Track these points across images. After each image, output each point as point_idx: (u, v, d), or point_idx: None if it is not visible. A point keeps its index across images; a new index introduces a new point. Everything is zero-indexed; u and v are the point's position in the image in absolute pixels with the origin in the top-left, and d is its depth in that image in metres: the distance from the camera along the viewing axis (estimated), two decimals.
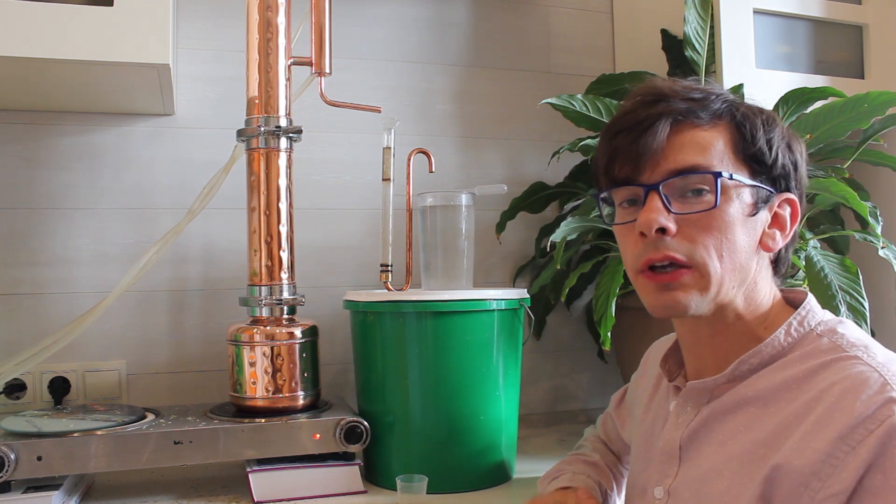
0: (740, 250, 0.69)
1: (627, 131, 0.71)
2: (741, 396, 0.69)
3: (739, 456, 0.66)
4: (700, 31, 1.33)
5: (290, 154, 1.15)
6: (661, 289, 0.70)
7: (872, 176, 1.44)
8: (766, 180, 0.71)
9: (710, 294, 0.69)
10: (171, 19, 1.05)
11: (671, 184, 0.69)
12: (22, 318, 1.27)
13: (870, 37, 1.47)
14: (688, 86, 0.74)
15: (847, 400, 0.60)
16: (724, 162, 0.69)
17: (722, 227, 0.68)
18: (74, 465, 0.97)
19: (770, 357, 0.69)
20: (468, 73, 1.55)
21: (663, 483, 0.74)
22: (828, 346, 0.67)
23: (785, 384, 0.66)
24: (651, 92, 0.73)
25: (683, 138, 0.70)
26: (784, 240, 0.73)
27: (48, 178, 1.29)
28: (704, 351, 0.75)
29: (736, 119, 0.71)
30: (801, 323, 0.70)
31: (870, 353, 0.64)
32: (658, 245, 0.69)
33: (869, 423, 0.58)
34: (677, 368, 0.81)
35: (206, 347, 1.35)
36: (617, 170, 0.72)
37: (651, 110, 0.71)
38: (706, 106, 0.71)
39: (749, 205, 0.70)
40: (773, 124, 0.73)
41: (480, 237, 1.43)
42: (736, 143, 0.71)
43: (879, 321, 1.35)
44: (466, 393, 1.09)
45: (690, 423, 0.73)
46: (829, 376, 0.63)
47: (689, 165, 0.69)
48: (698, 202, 0.69)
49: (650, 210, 0.69)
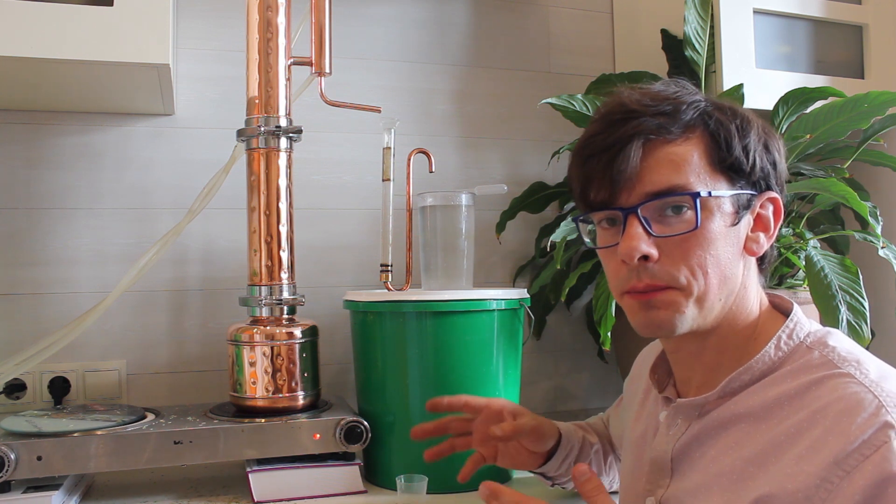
0: (725, 262, 0.68)
1: (599, 155, 0.69)
2: (732, 413, 0.68)
3: (729, 473, 0.65)
4: (700, 31, 1.33)
5: (290, 154, 1.15)
6: (645, 306, 0.69)
7: (872, 176, 1.44)
8: (745, 185, 0.70)
9: (693, 311, 0.68)
10: (171, 19, 1.05)
11: (649, 206, 0.68)
12: (22, 318, 1.27)
13: (870, 37, 1.47)
14: (657, 96, 0.71)
15: (842, 424, 0.59)
16: (700, 177, 0.68)
17: (704, 245, 0.67)
18: (74, 465, 0.97)
19: (761, 373, 0.68)
20: (468, 73, 1.55)
21: (655, 494, 0.74)
22: (819, 361, 0.66)
23: (776, 401, 0.65)
24: (619, 110, 0.70)
25: (657, 157, 0.68)
26: (769, 241, 0.72)
27: (48, 178, 1.29)
28: (693, 365, 0.74)
29: (710, 128, 0.69)
30: (790, 336, 0.69)
31: (862, 369, 0.63)
32: (640, 273, 0.68)
33: (864, 448, 0.57)
34: (666, 378, 0.80)
35: (206, 347, 1.35)
36: (593, 195, 0.70)
37: (621, 131, 0.68)
38: (677, 119, 0.69)
39: (730, 214, 0.69)
40: (747, 128, 0.70)
41: (480, 237, 1.43)
42: (711, 154, 0.69)
43: (879, 321, 1.35)
44: (466, 393, 1.08)
45: (681, 436, 0.73)
46: (822, 395, 0.62)
47: (666, 187, 0.67)
48: (679, 221, 0.67)
49: (630, 237, 0.67)
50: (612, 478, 1.02)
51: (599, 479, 0.68)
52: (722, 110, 0.71)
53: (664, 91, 0.72)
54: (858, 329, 1.03)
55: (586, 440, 0.99)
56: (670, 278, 0.68)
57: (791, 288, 1.23)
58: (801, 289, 1.22)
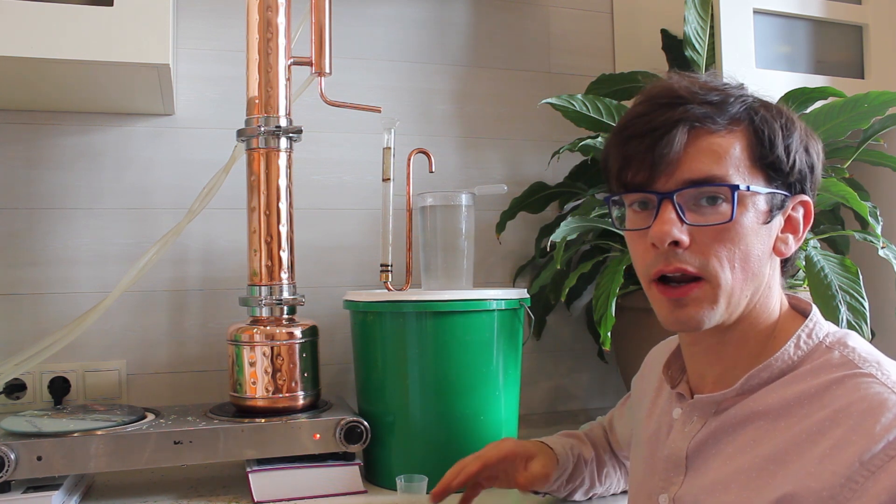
0: (754, 259, 0.68)
1: (642, 137, 0.69)
2: (750, 410, 0.68)
3: (748, 470, 0.65)
4: (700, 31, 1.33)
5: (290, 154, 1.15)
6: (675, 305, 0.69)
7: (872, 176, 1.44)
8: (781, 185, 0.70)
9: (721, 306, 0.68)
10: (171, 19, 1.05)
11: (685, 193, 0.67)
12: (22, 318, 1.27)
13: (870, 37, 1.47)
14: (705, 85, 0.71)
15: (867, 423, 0.59)
16: (739, 170, 0.67)
17: (736, 239, 0.67)
18: (74, 465, 0.97)
19: (780, 371, 0.68)
20: (468, 73, 1.55)
21: (668, 491, 0.74)
22: (839, 361, 0.66)
23: (797, 399, 0.65)
24: (666, 94, 0.70)
25: (699, 145, 0.68)
26: (797, 243, 0.72)
27: (48, 178, 1.29)
28: (710, 361, 0.74)
29: (755, 124, 0.69)
30: (809, 335, 0.69)
31: (883, 370, 0.63)
32: (670, 257, 0.68)
33: (889, 448, 0.57)
34: (679, 375, 0.80)
35: (206, 347, 1.35)
36: (630, 176, 0.70)
37: (667, 115, 0.68)
38: (724, 110, 0.69)
39: (764, 212, 0.69)
40: (791, 128, 0.70)
41: (480, 237, 1.43)
42: (753, 149, 0.68)
43: (879, 321, 1.35)
44: (466, 393, 1.09)
45: (697, 433, 0.72)
46: (844, 394, 0.62)
47: (705, 176, 0.67)
48: (713, 212, 0.67)
49: (663, 222, 0.67)
50: (608, 486, 1.01)
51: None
52: (768, 108, 0.71)
53: (712, 82, 0.72)
54: (858, 329, 1.03)
55: (581, 457, 0.98)
56: (700, 264, 0.67)
57: (791, 288, 1.23)
58: (801, 289, 1.22)
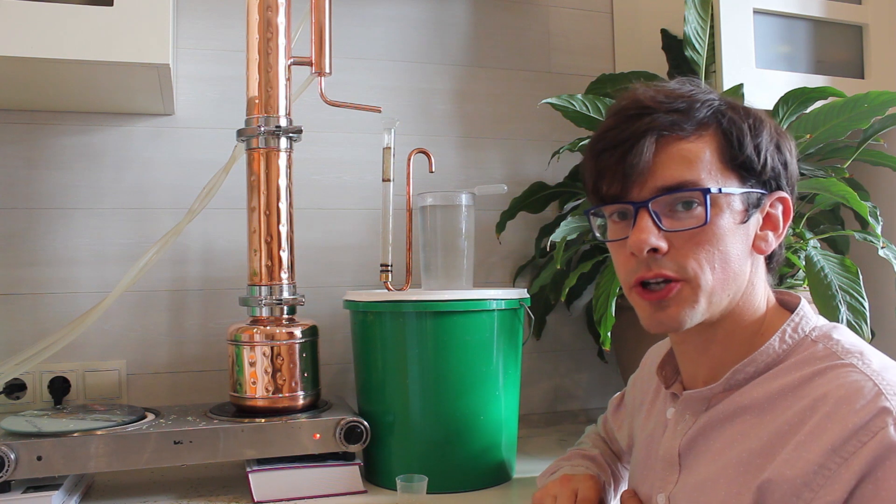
0: (733, 259, 0.69)
1: (613, 149, 0.70)
2: (737, 405, 0.69)
3: (735, 465, 0.66)
4: (700, 31, 1.33)
5: (290, 154, 1.15)
6: (655, 307, 0.70)
7: (872, 176, 1.44)
8: (756, 184, 0.71)
9: (702, 305, 0.69)
10: (171, 19, 1.05)
11: (660, 200, 0.69)
12: (22, 318, 1.27)
13: (870, 37, 1.47)
14: (671, 93, 0.72)
15: (841, 410, 0.60)
16: (711, 173, 0.68)
17: (714, 241, 0.68)
18: (74, 464, 0.97)
19: (765, 365, 0.69)
20: (468, 73, 1.55)
21: (665, 490, 0.74)
22: (823, 353, 0.66)
23: (780, 392, 0.66)
24: (633, 105, 0.71)
25: (670, 152, 0.69)
26: (777, 239, 0.73)
27: (48, 178, 1.29)
28: (699, 359, 0.75)
29: (722, 126, 0.70)
30: (795, 329, 0.70)
31: (865, 359, 0.63)
32: (650, 263, 0.69)
33: (862, 434, 0.58)
34: (674, 375, 0.81)
35: (206, 347, 1.35)
36: (605, 188, 0.72)
37: (634, 126, 0.70)
38: (691, 116, 0.70)
39: (740, 212, 0.70)
40: (760, 127, 0.71)
41: (480, 237, 1.43)
42: (723, 151, 0.70)
43: (879, 321, 1.35)
44: (466, 393, 1.09)
45: (688, 431, 0.73)
46: (823, 384, 0.63)
47: (677, 182, 0.68)
48: (689, 216, 0.68)
49: (640, 230, 0.68)
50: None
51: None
52: (735, 109, 0.72)
53: (679, 89, 0.73)
54: (858, 329, 1.04)
55: (603, 484, 0.92)
56: (678, 268, 0.68)
57: (791, 288, 1.23)
58: (801, 289, 1.22)
